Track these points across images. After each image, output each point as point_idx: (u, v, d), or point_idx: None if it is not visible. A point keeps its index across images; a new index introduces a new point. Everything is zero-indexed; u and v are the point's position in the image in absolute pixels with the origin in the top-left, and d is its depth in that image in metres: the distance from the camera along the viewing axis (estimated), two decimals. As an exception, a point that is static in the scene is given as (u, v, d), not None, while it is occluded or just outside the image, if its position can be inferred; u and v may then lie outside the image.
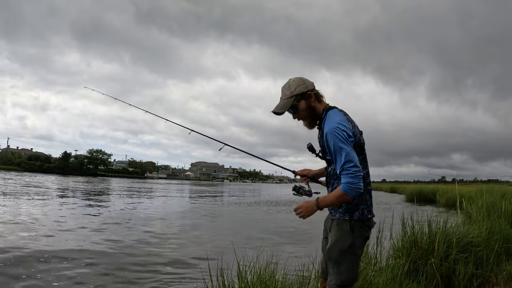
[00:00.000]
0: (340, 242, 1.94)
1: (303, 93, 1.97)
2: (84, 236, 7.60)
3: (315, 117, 2.04)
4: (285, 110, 2.00)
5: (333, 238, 1.98)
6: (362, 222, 1.97)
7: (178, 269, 5.56)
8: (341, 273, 1.93)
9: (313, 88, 2.01)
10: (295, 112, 2.03)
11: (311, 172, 2.30)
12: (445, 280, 3.42)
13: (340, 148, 1.83)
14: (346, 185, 1.82)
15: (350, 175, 1.80)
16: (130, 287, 4.65)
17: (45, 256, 5.72)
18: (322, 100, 2.05)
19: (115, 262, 5.74)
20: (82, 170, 74.98)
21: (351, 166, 1.80)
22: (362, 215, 1.96)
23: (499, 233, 4.36)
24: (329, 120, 1.93)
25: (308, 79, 2.04)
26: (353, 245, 1.93)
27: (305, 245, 7.62)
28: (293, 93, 1.97)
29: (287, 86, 2.01)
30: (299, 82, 2.00)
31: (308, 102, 1.99)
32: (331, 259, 1.98)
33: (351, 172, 1.80)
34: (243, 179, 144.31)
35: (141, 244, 7.26)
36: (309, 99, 1.99)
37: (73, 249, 6.35)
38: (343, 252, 1.93)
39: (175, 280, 4.99)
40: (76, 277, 4.81)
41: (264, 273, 2.92)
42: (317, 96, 2.03)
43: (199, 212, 14.45)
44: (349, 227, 1.94)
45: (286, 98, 1.99)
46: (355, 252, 1.95)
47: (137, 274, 5.16)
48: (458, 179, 14.42)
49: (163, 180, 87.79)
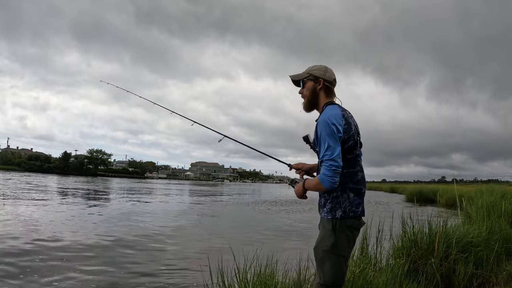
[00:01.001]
0: (323, 241, 1.97)
1: (316, 77, 2.10)
2: (83, 236, 7.59)
3: (313, 102, 2.13)
4: (295, 78, 2.17)
5: (318, 237, 2.02)
6: (345, 221, 1.95)
7: (177, 268, 5.56)
8: (324, 272, 1.95)
9: (329, 80, 2.10)
10: (302, 88, 2.16)
11: (305, 165, 2.35)
12: (445, 280, 3.42)
13: (324, 139, 1.90)
14: (321, 175, 1.90)
15: (327, 167, 1.88)
16: (130, 285, 4.65)
17: (45, 256, 5.72)
18: (331, 97, 2.12)
19: (114, 261, 5.74)
20: (82, 170, 74.99)
21: (329, 159, 1.87)
22: (345, 215, 1.95)
23: (499, 233, 4.36)
24: (324, 112, 2.02)
25: None
26: (335, 245, 1.93)
27: (305, 245, 7.60)
28: (310, 71, 2.13)
29: (312, 66, 2.17)
30: (320, 67, 2.13)
31: (314, 86, 2.11)
32: (316, 258, 2.01)
33: (328, 164, 1.87)
34: (243, 179, 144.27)
35: (140, 244, 7.26)
36: (317, 85, 2.10)
37: (72, 249, 6.35)
38: (326, 252, 1.94)
39: (174, 279, 4.99)
40: (75, 276, 4.81)
41: (264, 272, 2.92)
42: (327, 88, 2.11)
43: (198, 212, 14.45)
44: (331, 226, 1.95)
45: (304, 72, 2.16)
46: (337, 252, 1.94)
47: (136, 273, 5.16)
48: (458, 179, 14.44)
49: (162, 180, 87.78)
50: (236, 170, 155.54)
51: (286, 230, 10.21)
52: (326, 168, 1.87)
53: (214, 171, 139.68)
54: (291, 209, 16.97)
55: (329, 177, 1.86)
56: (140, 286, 4.66)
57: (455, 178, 6.24)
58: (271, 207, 18.13)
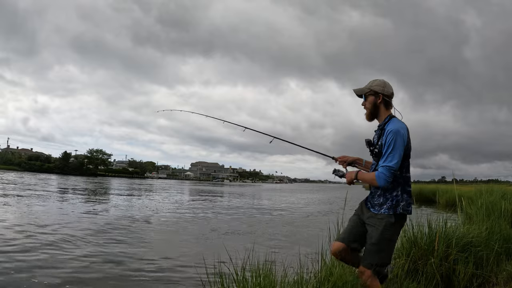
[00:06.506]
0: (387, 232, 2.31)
1: (376, 92, 2.40)
2: (82, 234, 7.59)
3: (374, 114, 2.45)
4: (358, 93, 2.49)
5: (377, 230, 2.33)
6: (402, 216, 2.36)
7: (176, 268, 5.55)
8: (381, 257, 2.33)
9: (388, 95, 2.40)
10: (364, 100, 2.46)
11: (349, 158, 2.68)
12: (445, 280, 3.41)
13: (393, 147, 2.23)
14: (379, 173, 2.26)
15: (387, 168, 2.23)
16: (127, 285, 4.65)
17: (45, 255, 5.71)
18: (390, 109, 2.43)
19: (112, 260, 5.74)
20: (82, 170, 74.89)
21: (390, 164, 2.22)
22: (403, 211, 2.33)
23: (499, 233, 4.34)
24: (395, 122, 2.34)
25: None
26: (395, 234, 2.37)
27: (305, 246, 7.60)
28: (371, 87, 2.42)
29: (373, 81, 2.45)
30: (380, 83, 2.42)
31: (375, 100, 2.41)
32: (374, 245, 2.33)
33: (389, 166, 2.23)
34: (243, 179, 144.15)
35: (138, 243, 7.26)
36: (377, 99, 2.41)
37: (71, 247, 6.34)
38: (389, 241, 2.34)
39: (174, 277, 4.98)
40: (73, 274, 4.81)
41: (262, 272, 2.91)
42: (386, 102, 2.42)
43: (198, 212, 14.45)
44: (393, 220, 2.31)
45: (365, 87, 2.45)
46: (394, 240, 2.41)
47: (134, 274, 5.16)
48: (458, 179, 14.38)
49: (162, 180, 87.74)
50: (236, 170, 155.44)
51: (285, 231, 10.16)
52: (386, 169, 2.24)
53: (214, 171, 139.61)
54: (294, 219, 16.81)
55: (387, 176, 2.23)
56: (137, 286, 4.66)
57: (455, 178, 6.21)
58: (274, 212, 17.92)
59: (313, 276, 3.25)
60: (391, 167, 2.22)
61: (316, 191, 53.98)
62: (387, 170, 2.22)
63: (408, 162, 2.37)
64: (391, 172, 2.22)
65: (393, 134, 2.25)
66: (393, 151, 2.23)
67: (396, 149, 2.23)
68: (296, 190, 54.71)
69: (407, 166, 2.36)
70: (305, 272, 3.29)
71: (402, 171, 2.33)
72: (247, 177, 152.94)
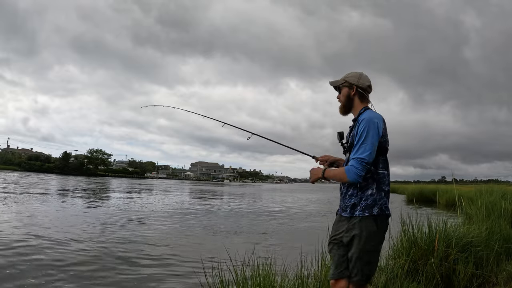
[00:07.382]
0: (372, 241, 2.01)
1: (350, 83, 2.21)
2: (82, 234, 7.59)
3: (349, 107, 2.24)
4: (333, 85, 2.31)
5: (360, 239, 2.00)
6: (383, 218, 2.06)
7: (176, 268, 5.55)
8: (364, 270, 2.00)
9: (363, 87, 2.20)
10: (339, 93, 2.29)
11: (331, 158, 2.46)
12: (445, 280, 3.40)
13: (365, 137, 1.98)
14: (349, 167, 1.99)
15: (358, 161, 1.96)
16: (126, 284, 4.65)
17: (45, 254, 5.71)
18: (366, 102, 2.22)
19: (111, 260, 5.74)
20: (82, 170, 74.86)
21: (362, 155, 1.96)
22: (381, 212, 2.04)
23: (499, 233, 4.34)
24: (369, 112, 2.11)
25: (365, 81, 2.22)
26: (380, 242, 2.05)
27: (305, 247, 7.60)
28: (345, 78, 2.24)
29: (349, 73, 2.27)
30: (355, 74, 2.23)
31: (349, 92, 2.22)
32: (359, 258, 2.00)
33: (360, 158, 1.96)
34: (243, 179, 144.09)
35: (138, 243, 7.26)
36: (351, 91, 2.21)
37: (71, 247, 6.34)
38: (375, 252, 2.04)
39: (173, 277, 4.98)
40: (73, 274, 4.81)
41: (262, 272, 2.91)
42: (361, 95, 2.21)
43: (198, 212, 14.44)
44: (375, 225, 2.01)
45: (340, 79, 2.27)
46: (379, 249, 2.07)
47: (133, 273, 5.16)
48: (458, 179, 14.39)
49: (162, 180, 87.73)
50: (236, 170, 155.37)
51: (285, 231, 10.16)
52: (357, 161, 1.97)
53: (214, 171, 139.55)
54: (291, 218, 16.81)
55: (358, 170, 1.95)
56: (136, 284, 4.66)
57: (454, 178, 6.21)
58: (270, 212, 17.94)
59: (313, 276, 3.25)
60: (363, 159, 1.95)
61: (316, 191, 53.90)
62: (358, 162, 1.95)
63: (385, 157, 2.12)
64: (362, 165, 1.95)
65: (366, 123, 2.01)
66: (365, 141, 1.97)
67: (369, 139, 1.97)
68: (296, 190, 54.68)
69: (384, 161, 2.10)
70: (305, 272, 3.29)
71: (378, 166, 2.05)
72: (247, 177, 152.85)
